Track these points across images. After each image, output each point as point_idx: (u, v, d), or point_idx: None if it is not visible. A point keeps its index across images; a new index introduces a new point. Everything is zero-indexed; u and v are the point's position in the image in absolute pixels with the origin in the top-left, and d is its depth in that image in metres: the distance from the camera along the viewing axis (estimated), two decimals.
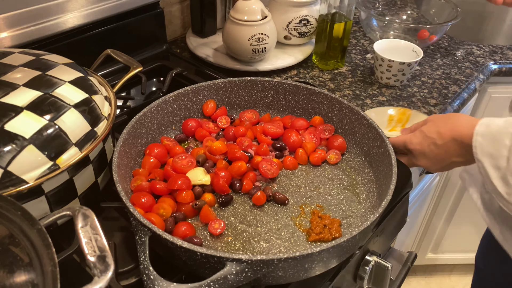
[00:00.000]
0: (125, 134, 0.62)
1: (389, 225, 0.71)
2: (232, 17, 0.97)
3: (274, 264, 0.45)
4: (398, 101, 0.97)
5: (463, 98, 1.01)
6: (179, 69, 0.95)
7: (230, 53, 1.04)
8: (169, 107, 0.71)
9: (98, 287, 0.35)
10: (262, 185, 0.65)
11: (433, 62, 1.13)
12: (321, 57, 1.07)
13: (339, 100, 0.71)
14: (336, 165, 0.70)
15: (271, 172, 0.64)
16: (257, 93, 0.77)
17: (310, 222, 0.59)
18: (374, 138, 0.66)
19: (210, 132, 0.72)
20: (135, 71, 0.72)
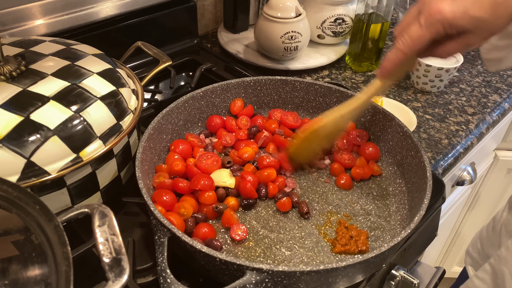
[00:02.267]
0: (150, 129, 0.61)
1: (419, 239, 0.67)
2: (266, 14, 0.95)
3: (296, 276, 0.43)
4: (434, 108, 0.93)
5: (504, 108, 0.96)
6: (209, 65, 0.94)
7: (261, 50, 1.02)
8: (196, 103, 0.70)
9: None
10: (289, 190, 0.63)
11: (473, 68, 1.07)
12: (355, 58, 1.03)
13: (374, 105, 0.68)
14: None
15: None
16: (287, 93, 0.74)
17: (336, 232, 0.56)
18: (408, 147, 0.62)
19: (233, 131, 0.70)
20: (164, 65, 0.71)
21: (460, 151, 0.84)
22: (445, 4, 0.47)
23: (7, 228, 0.37)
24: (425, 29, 0.48)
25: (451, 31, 0.48)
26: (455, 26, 0.47)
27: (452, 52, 0.51)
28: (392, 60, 0.53)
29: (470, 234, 1.41)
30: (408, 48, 0.51)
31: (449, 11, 0.46)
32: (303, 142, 0.62)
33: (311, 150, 0.63)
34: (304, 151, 0.63)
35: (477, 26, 0.46)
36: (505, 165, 1.23)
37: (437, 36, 0.49)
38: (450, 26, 0.47)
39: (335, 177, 0.65)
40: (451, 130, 0.87)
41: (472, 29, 0.47)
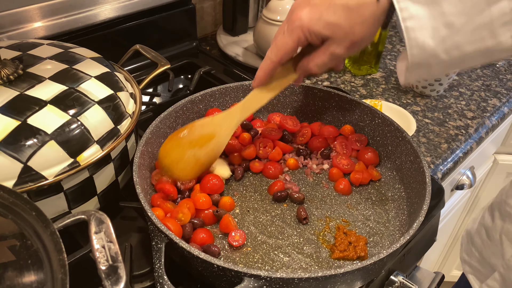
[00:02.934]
0: (148, 133, 0.61)
1: (418, 244, 0.67)
2: (265, 17, 0.95)
3: (295, 283, 0.42)
4: (433, 112, 0.92)
5: (503, 112, 0.95)
6: (208, 68, 0.94)
7: (260, 53, 1.02)
8: (194, 107, 0.69)
9: None
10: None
11: (472, 72, 1.07)
12: (354, 62, 1.03)
13: (372, 110, 0.68)
14: None
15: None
16: (286, 97, 0.74)
17: (335, 238, 0.56)
18: (407, 152, 0.62)
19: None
20: (163, 69, 0.70)
21: (460, 156, 0.84)
22: (304, 11, 0.49)
23: (3, 234, 0.37)
24: (287, 36, 0.51)
25: (312, 38, 0.50)
26: (313, 31, 0.49)
27: (321, 63, 0.52)
28: (263, 68, 0.55)
29: None
30: (275, 56, 0.53)
31: (306, 17, 0.49)
32: (172, 148, 0.58)
33: (185, 161, 0.58)
34: (178, 162, 0.58)
35: (334, 32, 0.48)
36: (505, 169, 1.23)
37: (299, 43, 0.51)
38: (309, 32, 0.49)
39: (334, 182, 0.65)
40: (451, 134, 0.87)
41: (330, 36, 0.49)
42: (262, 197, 0.62)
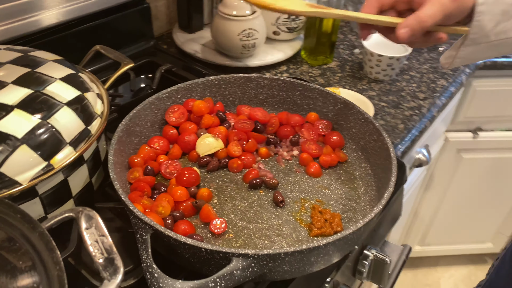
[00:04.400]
0: (119, 131, 0.61)
1: (386, 218, 0.71)
2: (221, 12, 0.96)
3: (281, 258, 0.44)
4: (388, 96, 0.98)
5: (451, 91, 1.02)
6: (168, 65, 0.94)
7: (219, 48, 1.03)
8: (162, 104, 0.70)
9: None
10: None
11: (420, 56, 1.14)
12: (310, 53, 1.07)
13: (334, 95, 0.71)
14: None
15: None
16: (251, 90, 0.76)
17: (311, 217, 0.58)
18: (370, 132, 0.66)
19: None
20: (126, 67, 0.70)
21: (416, 134, 0.89)
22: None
23: None
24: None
25: None
26: None
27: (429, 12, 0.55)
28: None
29: (426, 214, 1.49)
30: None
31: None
32: None
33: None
34: None
35: None
36: (455, 146, 1.31)
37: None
38: None
39: (305, 166, 0.67)
40: (406, 115, 0.93)
41: None
42: (238, 186, 0.64)
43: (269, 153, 0.69)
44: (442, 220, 1.53)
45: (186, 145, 0.67)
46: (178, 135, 0.69)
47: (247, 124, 0.70)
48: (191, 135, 0.68)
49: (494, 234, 1.61)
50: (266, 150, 0.69)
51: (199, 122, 0.70)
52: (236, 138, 0.68)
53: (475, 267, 1.76)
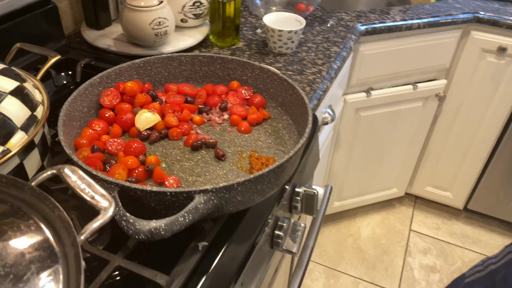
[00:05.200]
0: (62, 115, 0.65)
1: (309, 161, 0.84)
2: (130, 5, 1.01)
3: (234, 188, 0.54)
4: (292, 65, 1.11)
5: (343, 56, 1.19)
6: (87, 60, 0.97)
7: (132, 40, 1.08)
8: (95, 89, 0.74)
9: (107, 216, 0.40)
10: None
11: (313, 30, 1.29)
12: (219, 36, 1.16)
13: (250, 63, 0.81)
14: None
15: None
16: (175, 68, 0.83)
17: (250, 163, 0.68)
18: (285, 88, 0.77)
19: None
20: (55, 59, 0.73)
21: (320, 94, 1.04)
22: None
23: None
24: None
25: None
26: None
27: None
28: None
29: (339, 171, 1.68)
30: None
31: None
32: None
33: None
34: None
35: None
36: (353, 106, 1.50)
37: None
38: None
39: (236, 126, 0.77)
40: (310, 79, 1.07)
41: None
42: (182, 150, 0.71)
43: (203, 120, 0.78)
44: (353, 175, 1.74)
45: (125, 123, 0.73)
46: (115, 116, 0.74)
47: (178, 98, 0.78)
48: (128, 113, 0.74)
49: (395, 179, 1.86)
50: (200, 118, 0.77)
51: (133, 102, 0.76)
52: (170, 111, 0.76)
53: (386, 212, 2.01)
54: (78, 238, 0.36)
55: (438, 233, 1.93)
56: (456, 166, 1.80)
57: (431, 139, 1.77)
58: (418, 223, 1.97)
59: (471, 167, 1.77)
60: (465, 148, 1.74)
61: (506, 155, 1.69)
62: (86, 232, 0.39)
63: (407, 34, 1.41)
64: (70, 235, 0.36)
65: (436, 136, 1.76)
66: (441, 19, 1.42)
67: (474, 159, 1.75)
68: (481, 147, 1.71)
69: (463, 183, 1.83)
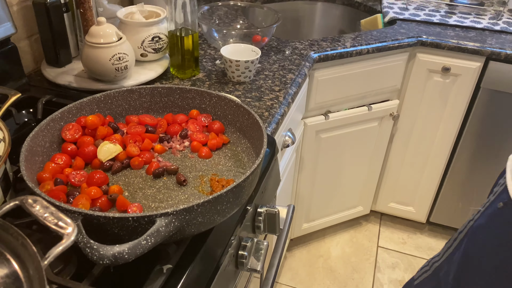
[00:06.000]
0: (24, 151, 0.66)
1: (269, 182, 0.88)
2: (89, 42, 1.04)
3: (194, 210, 0.56)
4: (251, 93, 1.16)
5: (298, 82, 1.26)
6: (48, 96, 0.99)
7: (93, 75, 1.10)
8: (56, 125, 0.76)
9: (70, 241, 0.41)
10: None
11: (269, 59, 1.36)
12: (179, 68, 1.21)
13: (208, 92, 0.86)
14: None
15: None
16: (135, 100, 0.86)
17: (211, 186, 0.71)
18: (242, 114, 0.82)
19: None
20: (15, 97, 0.75)
21: (278, 118, 1.09)
22: None
23: None
24: None
25: None
26: None
27: None
28: None
29: (305, 193, 1.73)
30: None
31: None
32: None
33: None
34: None
35: None
36: (313, 129, 1.57)
37: None
38: None
39: (197, 152, 0.80)
40: (268, 105, 1.12)
41: None
42: (144, 178, 0.74)
43: (164, 148, 0.80)
44: (318, 195, 1.79)
45: (87, 155, 0.75)
46: (78, 150, 0.76)
47: (139, 128, 0.81)
48: (90, 146, 0.76)
49: (360, 198, 1.92)
50: (161, 146, 0.80)
51: (94, 135, 0.78)
52: (132, 141, 0.78)
53: (354, 230, 2.06)
54: (42, 262, 0.38)
55: (405, 247, 1.99)
56: (415, 181, 1.88)
57: (390, 156, 1.86)
58: (385, 239, 2.03)
59: (429, 182, 1.86)
60: (422, 163, 1.83)
61: (460, 167, 1.79)
62: (50, 257, 0.40)
63: (358, 59, 1.50)
64: (34, 261, 0.38)
65: (394, 154, 1.84)
66: (389, 43, 1.52)
67: (431, 174, 1.84)
68: (436, 161, 1.81)
69: (423, 198, 1.91)
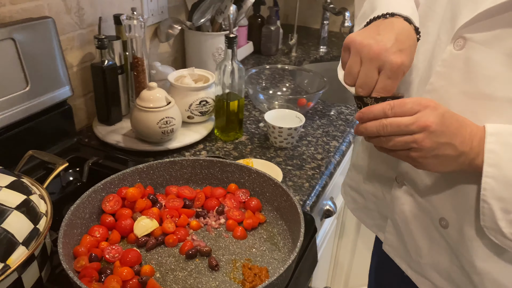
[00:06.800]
0: (63, 226, 0.68)
1: (305, 266, 0.84)
2: (139, 106, 1.08)
3: None
4: (292, 160, 1.15)
5: (342, 150, 1.23)
6: (95, 158, 1.02)
7: (140, 136, 1.13)
8: (98, 195, 0.78)
9: None
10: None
11: (313, 123, 1.35)
12: (222, 130, 1.22)
13: (248, 168, 0.85)
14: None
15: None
16: (177, 171, 0.87)
17: (243, 274, 0.69)
18: (281, 194, 0.80)
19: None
20: (61, 167, 0.78)
21: (319, 190, 1.06)
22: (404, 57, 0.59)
23: None
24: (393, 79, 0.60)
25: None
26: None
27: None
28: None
29: (345, 259, 1.66)
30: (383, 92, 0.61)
31: (408, 61, 0.60)
32: None
33: None
34: None
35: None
36: None
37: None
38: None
39: (232, 231, 0.79)
40: (309, 175, 1.10)
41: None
42: (176, 258, 0.73)
43: (200, 224, 0.80)
44: (359, 262, 1.71)
45: (124, 229, 0.76)
46: (116, 222, 0.77)
47: (176, 202, 0.81)
48: (128, 219, 0.76)
49: None
50: (196, 223, 0.79)
51: (133, 207, 0.79)
52: (168, 216, 0.78)
53: None
54: None
55: None
56: None
57: None
58: None
59: None
60: None
61: None
62: None
63: None
64: None
65: None
66: None
67: None
68: None
69: None
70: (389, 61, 0.59)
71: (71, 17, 1.12)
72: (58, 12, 1.08)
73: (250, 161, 1.08)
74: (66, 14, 1.11)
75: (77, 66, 1.19)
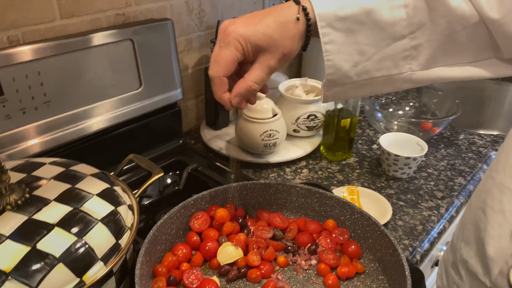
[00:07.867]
0: (146, 243, 0.65)
1: None
2: (245, 115, 1.04)
3: None
4: (406, 194, 1.00)
5: (469, 190, 1.04)
6: (195, 165, 1.00)
7: (242, 146, 1.09)
8: (187, 211, 0.74)
9: None
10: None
11: (437, 152, 1.17)
12: (329, 149, 1.12)
13: (351, 205, 0.74)
14: None
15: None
16: (271, 195, 0.80)
17: None
18: (386, 245, 0.68)
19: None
20: (156, 177, 0.76)
21: (435, 236, 0.90)
22: (238, 24, 0.54)
23: None
24: (225, 48, 0.55)
25: (247, 49, 0.55)
26: (250, 41, 0.54)
27: (259, 78, 0.56)
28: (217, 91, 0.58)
29: None
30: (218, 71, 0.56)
31: (242, 29, 0.54)
32: None
33: None
34: None
35: (269, 43, 0.54)
36: None
37: (237, 53, 0.55)
38: (245, 41, 0.54)
39: (323, 277, 0.69)
40: (424, 215, 0.94)
41: (265, 47, 0.55)
42: None
43: (287, 261, 0.71)
44: None
45: (208, 252, 0.71)
46: (201, 242, 0.73)
47: (266, 231, 0.74)
48: (213, 242, 0.71)
49: None
50: (284, 259, 0.71)
51: (221, 229, 0.74)
52: (255, 247, 0.71)
53: None
54: None
55: None
56: None
57: None
58: None
59: None
60: None
61: None
62: None
63: None
64: None
65: None
66: None
67: None
68: None
69: None
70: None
71: (191, 18, 1.12)
72: (180, 13, 1.08)
73: (356, 189, 0.96)
74: (187, 15, 1.10)
75: (192, 68, 1.19)
